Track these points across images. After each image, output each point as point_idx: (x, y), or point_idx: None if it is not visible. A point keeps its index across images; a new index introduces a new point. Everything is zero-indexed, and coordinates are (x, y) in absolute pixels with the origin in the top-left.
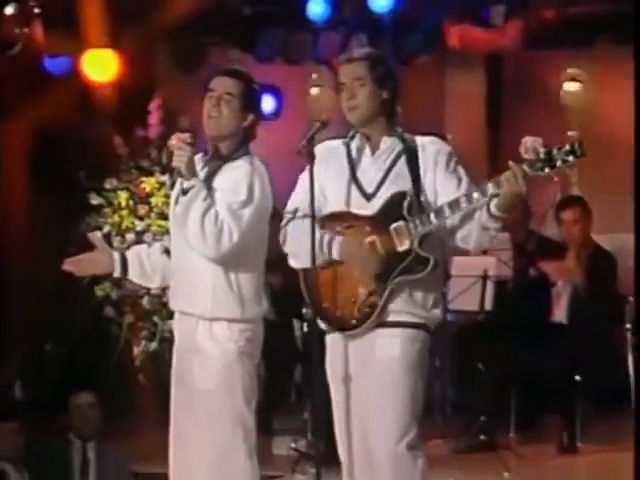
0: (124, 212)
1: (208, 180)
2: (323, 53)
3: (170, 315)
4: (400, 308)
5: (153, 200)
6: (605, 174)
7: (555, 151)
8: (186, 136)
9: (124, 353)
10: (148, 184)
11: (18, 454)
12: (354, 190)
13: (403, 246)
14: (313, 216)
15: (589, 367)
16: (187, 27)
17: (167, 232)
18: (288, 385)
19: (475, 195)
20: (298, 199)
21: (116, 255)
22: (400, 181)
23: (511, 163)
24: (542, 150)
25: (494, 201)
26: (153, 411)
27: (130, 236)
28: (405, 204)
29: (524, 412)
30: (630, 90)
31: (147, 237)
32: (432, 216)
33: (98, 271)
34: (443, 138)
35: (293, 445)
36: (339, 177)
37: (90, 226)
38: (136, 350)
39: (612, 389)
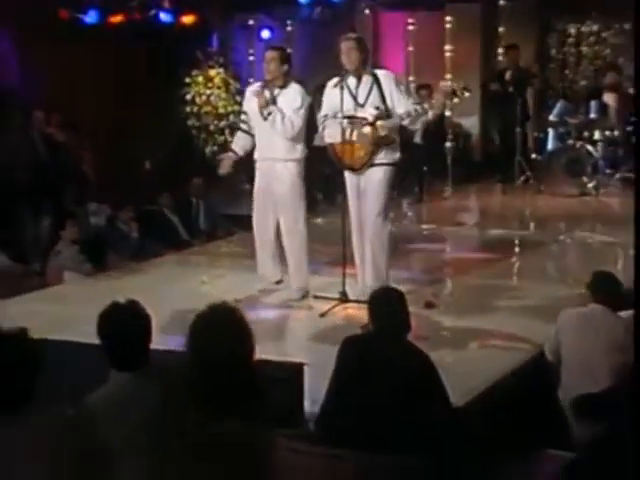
0: (200, 85)
1: (274, 99)
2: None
3: (221, 133)
4: (381, 158)
5: (215, 80)
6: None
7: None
8: (260, 86)
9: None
10: (212, 72)
11: (173, 204)
12: (353, 103)
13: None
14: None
15: (429, 164)
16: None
17: (220, 96)
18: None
19: (418, 108)
20: (328, 107)
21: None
22: (375, 99)
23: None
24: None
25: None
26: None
27: (204, 97)
28: (379, 113)
29: (403, 183)
30: (437, 29)
31: (212, 97)
32: (397, 120)
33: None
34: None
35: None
36: (346, 96)
37: (185, 92)
38: (207, 151)
39: (438, 173)
